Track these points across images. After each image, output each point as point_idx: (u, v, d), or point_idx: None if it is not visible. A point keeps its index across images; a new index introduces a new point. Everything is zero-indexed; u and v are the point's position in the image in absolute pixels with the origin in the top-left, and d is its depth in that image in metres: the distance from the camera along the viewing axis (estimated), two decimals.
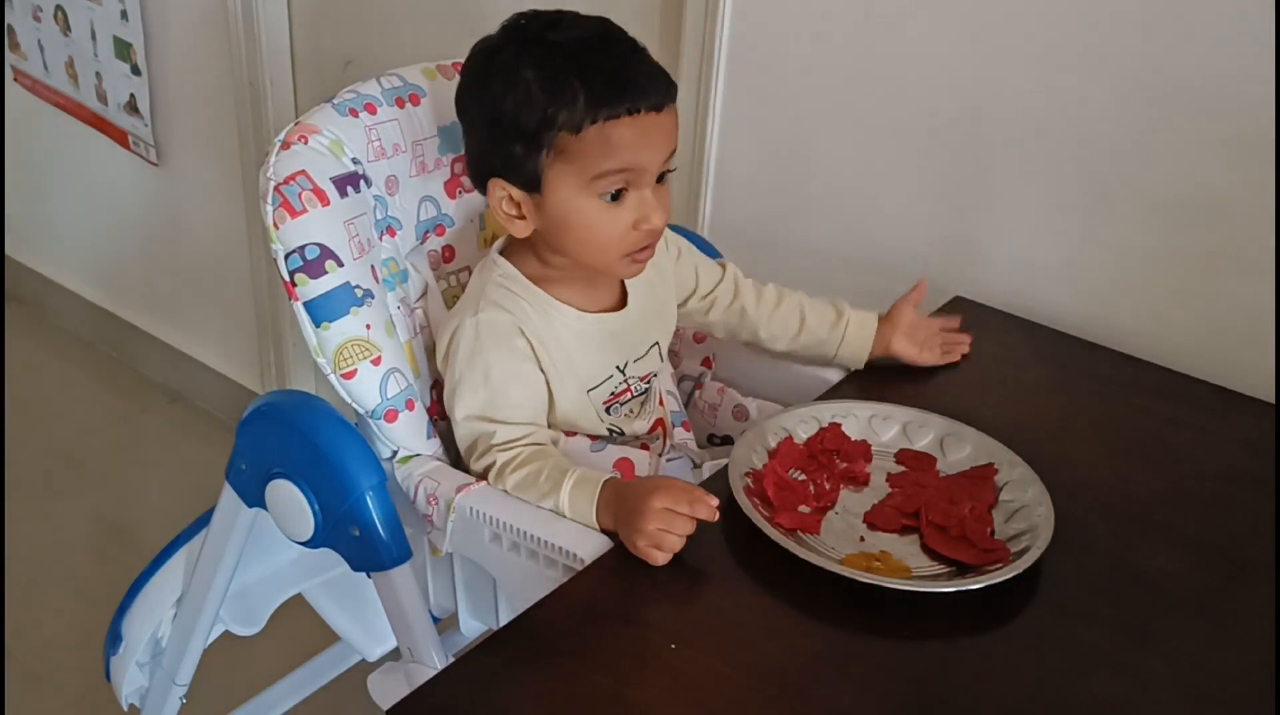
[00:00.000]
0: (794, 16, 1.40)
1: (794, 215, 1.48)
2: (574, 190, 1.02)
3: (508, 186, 1.05)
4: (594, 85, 1.00)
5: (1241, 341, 1.22)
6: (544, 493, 0.99)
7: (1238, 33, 1.14)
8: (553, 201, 1.04)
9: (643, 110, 1.01)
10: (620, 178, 1.02)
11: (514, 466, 1.02)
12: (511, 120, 1.02)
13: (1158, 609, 0.89)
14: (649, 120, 1.02)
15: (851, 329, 1.20)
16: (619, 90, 1.00)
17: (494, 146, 1.04)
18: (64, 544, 2.03)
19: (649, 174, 1.04)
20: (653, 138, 1.03)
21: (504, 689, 0.78)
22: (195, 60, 2.08)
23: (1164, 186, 1.22)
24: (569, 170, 1.02)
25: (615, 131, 1.00)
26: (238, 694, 1.54)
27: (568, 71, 1.00)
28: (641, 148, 1.02)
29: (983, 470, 1.02)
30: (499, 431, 1.04)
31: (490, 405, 1.05)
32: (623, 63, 1.02)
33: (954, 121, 1.33)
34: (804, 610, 0.87)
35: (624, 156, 1.01)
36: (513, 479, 1.01)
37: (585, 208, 1.03)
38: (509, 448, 1.04)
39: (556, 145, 1.01)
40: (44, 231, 2.68)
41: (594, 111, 0.99)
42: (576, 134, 1.00)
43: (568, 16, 1.05)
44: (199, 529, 1.24)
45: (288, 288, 1.04)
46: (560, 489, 0.98)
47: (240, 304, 2.25)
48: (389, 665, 1.11)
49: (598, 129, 1.00)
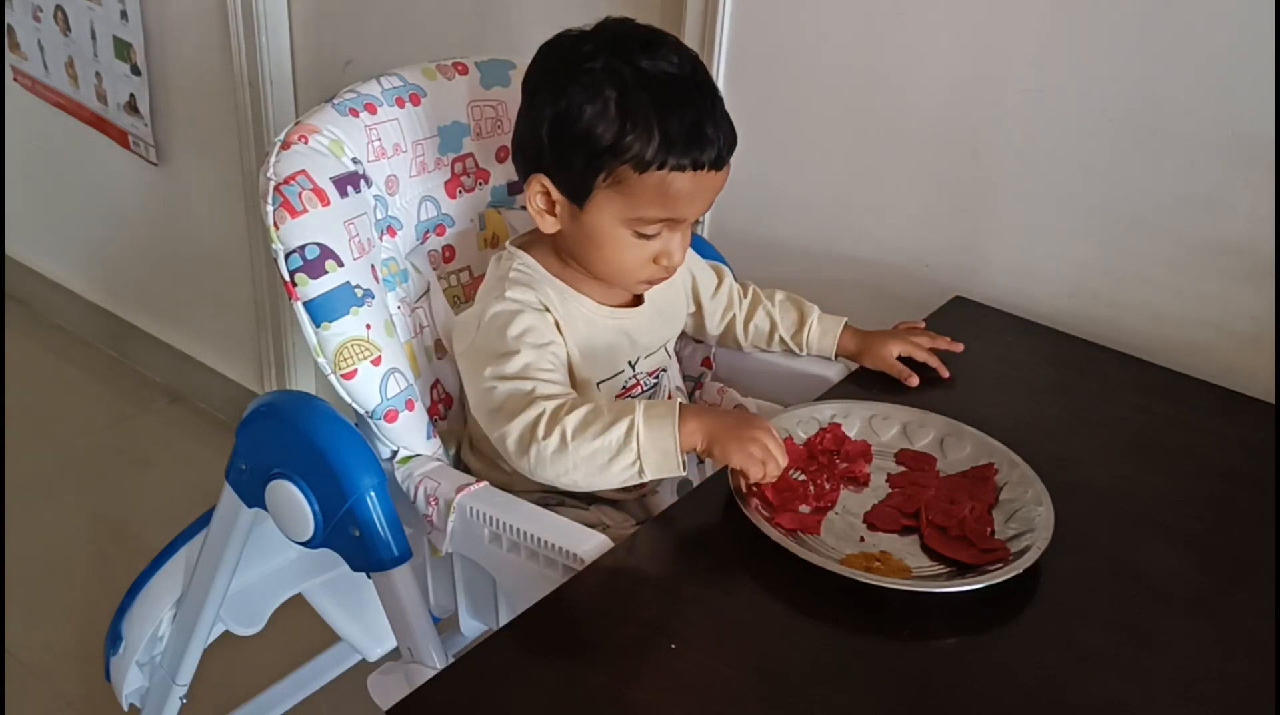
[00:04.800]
0: (794, 18, 1.40)
1: (794, 216, 1.48)
2: (614, 219, 1.03)
3: (551, 187, 1.05)
4: (671, 132, 1.00)
5: (1241, 341, 1.22)
6: (609, 422, 0.96)
7: (1237, 33, 1.14)
8: (591, 220, 1.04)
9: (706, 168, 1.02)
10: (663, 224, 1.04)
11: (568, 408, 0.98)
12: (582, 131, 1.01)
13: (1158, 609, 0.89)
14: (708, 177, 1.03)
15: (813, 336, 1.24)
16: (693, 145, 1.01)
17: (553, 146, 1.04)
18: (64, 544, 2.03)
19: (688, 222, 1.06)
20: (705, 193, 1.04)
21: (504, 689, 0.78)
22: (195, 60, 2.08)
23: (1164, 186, 1.22)
24: (618, 201, 1.02)
25: (676, 183, 1.01)
26: (238, 694, 1.54)
27: (651, 109, 1.00)
28: (693, 201, 1.03)
29: (983, 470, 1.02)
30: (539, 387, 1.02)
31: (529, 367, 1.03)
32: (703, 116, 1.02)
33: (954, 122, 1.33)
34: (804, 610, 0.87)
35: (675, 208, 1.03)
36: (571, 419, 0.97)
37: (617, 236, 1.04)
38: (554, 397, 1.00)
39: (617, 174, 1.01)
40: (44, 231, 2.68)
41: (664, 158, 1.00)
42: (640, 173, 1.00)
43: (666, 43, 1.04)
44: (199, 529, 1.24)
45: (288, 288, 1.04)
46: (633, 411, 0.96)
47: (240, 304, 2.25)
48: (389, 665, 1.11)
49: (661, 176, 1.00)
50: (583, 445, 0.96)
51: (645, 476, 0.97)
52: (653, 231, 1.04)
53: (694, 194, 1.03)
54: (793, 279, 1.34)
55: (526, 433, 0.98)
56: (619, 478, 0.97)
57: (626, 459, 0.96)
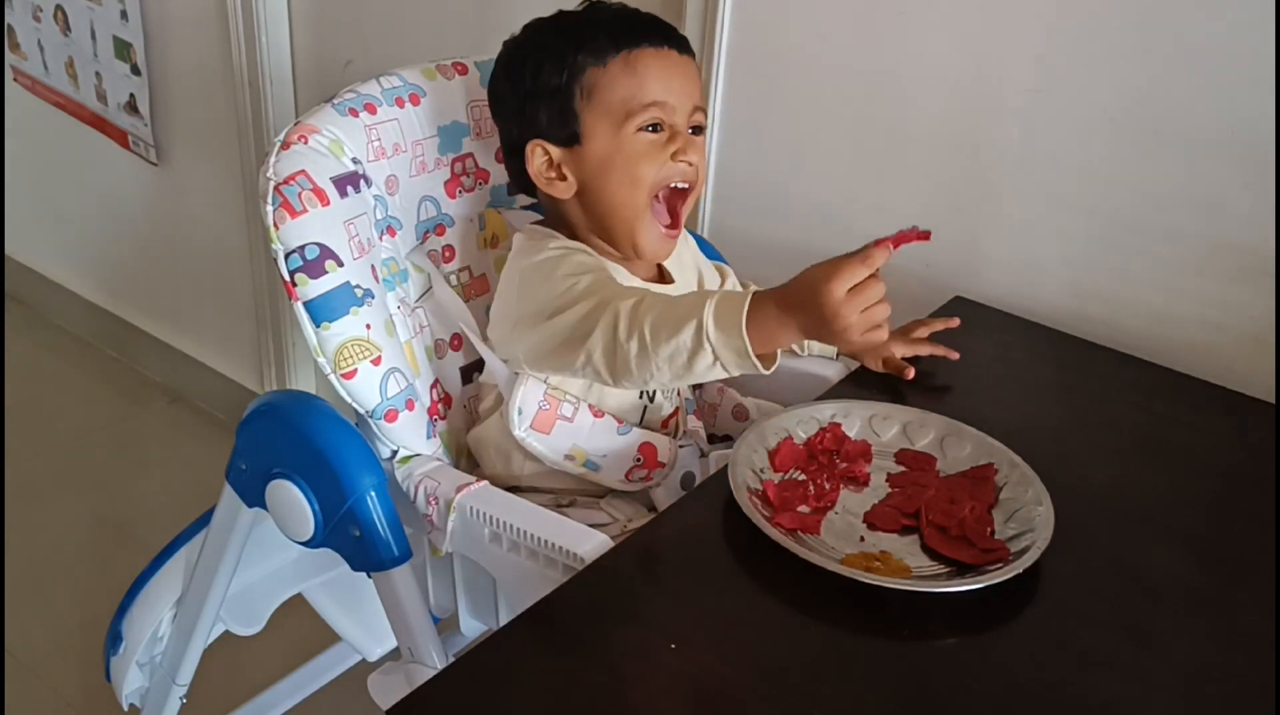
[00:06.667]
0: (794, 18, 1.40)
1: (794, 216, 1.48)
2: (610, 128, 1.05)
3: (547, 146, 1.07)
4: (611, 25, 1.04)
5: (1241, 341, 1.22)
6: (682, 320, 0.92)
7: (1237, 33, 1.14)
8: (593, 148, 1.06)
9: (664, 46, 1.04)
10: (654, 111, 1.04)
11: (646, 306, 0.95)
12: (540, 79, 1.05)
13: (1158, 609, 0.89)
14: (671, 57, 1.05)
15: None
16: (637, 24, 1.05)
17: (529, 114, 1.07)
18: (64, 544, 2.03)
19: (680, 114, 1.06)
20: (677, 76, 1.05)
21: (504, 689, 0.78)
22: (195, 60, 2.08)
23: (1164, 186, 1.22)
24: (601, 109, 1.04)
25: (641, 61, 1.03)
26: (238, 694, 1.54)
27: (584, 22, 1.05)
28: (669, 80, 1.04)
29: (983, 470, 1.02)
30: (606, 293, 0.98)
31: (594, 285, 1.00)
32: (637, 13, 1.07)
33: (953, 122, 1.33)
34: (804, 610, 0.87)
35: (653, 88, 1.04)
36: (649, 319, 0.93)
37: (622, 144, 1.05)
38: (627, 296, 0.97)
39: (586, 83, 1.04)
40: (44, 231, 2.68)
41: (616, 42, 1.03)
42: (604, 67, 1.03)
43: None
44: (199, 529, 1.24)
45: (288, 288, 1.04)
46: (702, 309, 0.91)
47: (240, 304, 2.25)
48: (389, 665, 1.12)
49: (623, 59, 1.03)
50: (661, 346, 0.93)
51: (733, 372, 0.93)
52: (649, 119, 1.04)
53: (665, 72, 1.04)
54: None
55: (609, 341, 0.96)
56: (708, 375, 0.93)
57: (705, 360, 0.92)
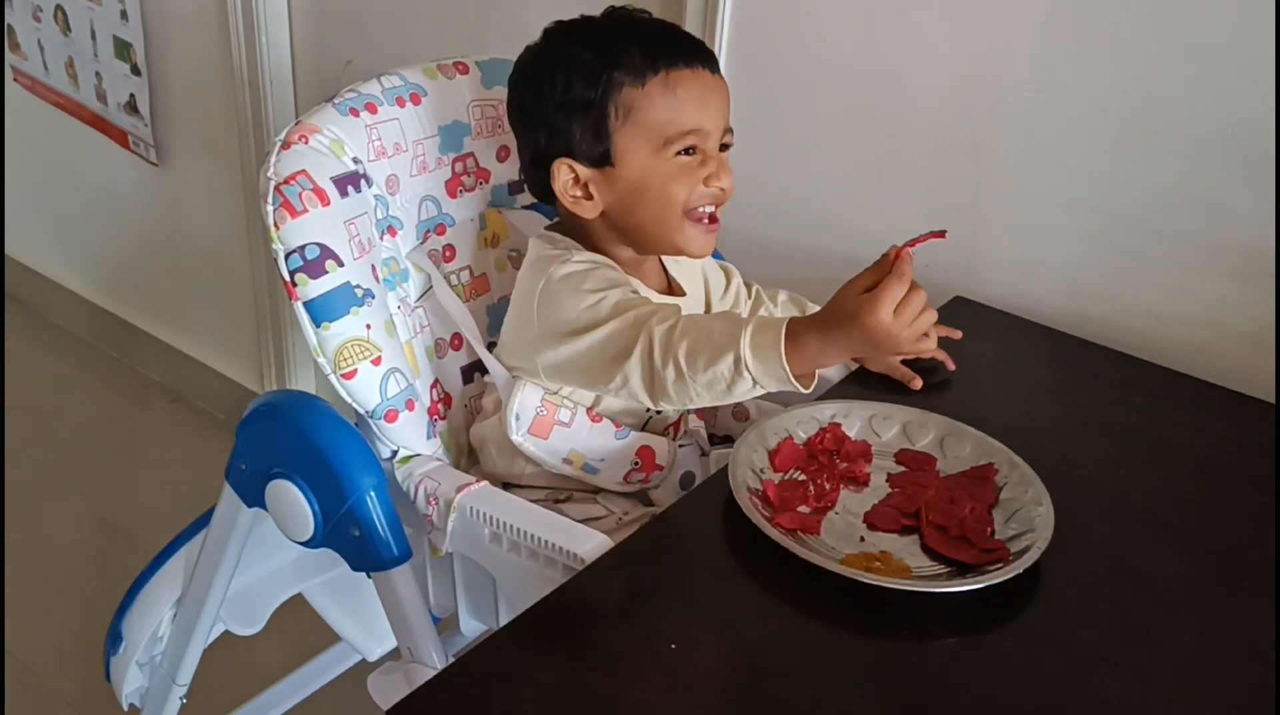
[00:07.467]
0: (794, 19, 1.40)
1: (794, 216, 1.48)
2: (645, 151, 1.03)
3: (575, 166, 1.05)
4: (647, 41, 1.01)
5: (1241, 341, 1.22)
6: (718, 351, 0.92)
7: (1237, 33, 1.14)
8: (625, 171, 1.04)
9: (699, 66, 1.02)
10: (691, 137, 1.03)
11: (679, 332, 0.95)
12: (571, 93, 1.02)
13: (1158, 609, 0.89)
14: (706, 79, 1.03)
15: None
16: (674, 44, 1.02)
17: (559, 130, 1.05)
18: (64, 544, 2.03)
19: (714, 139, 1.05)
20: (713, 100, 1.04)
21: (504, 689, 0.78)
22: (195, 60, 2.08)
23: (1164, 186, 1.22)
24: (638, 131, 1.02)
25: (680, 84, 1.01)
26: (238, 694, 1.54)
27: (617, 36, 1.02)
28: (706, 105, 1.03)
29: (983, 470, 1.02)
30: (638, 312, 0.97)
31: (621, 302, 1.00)
32: (668, 28, 1.05)
33: (954, 122, 1.33)
34: (804, 610, 0.87)
35: (691, 114, 1.02)
36: (682, 347, 0.94)
37: (656, 167, 1.03)
38: (659, 318, 0.96)
39: (622, 103, 1.02)
40: (44, 231, 2.68)
41: (654, 61, 1.01)
42: (642, 87, 1.01)
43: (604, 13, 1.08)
44: (199, 529, 1.24)
45: (288, 287, 1.04)
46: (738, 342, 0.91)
47: (240, 304, 2.25)
48: (389, 665, 1.12)
49: (661, 80, 1.01)
50: (698, 375, 0.94)
51: (774, 391, 0.94)
52: (685, 144, 1.03)
53: (703, 96, 1.03)
54: (793, 279, 1.34)
55: (645, 368, 0.97)
56: (750, 395, 0.94)
57: (745, 385, 0.93)
